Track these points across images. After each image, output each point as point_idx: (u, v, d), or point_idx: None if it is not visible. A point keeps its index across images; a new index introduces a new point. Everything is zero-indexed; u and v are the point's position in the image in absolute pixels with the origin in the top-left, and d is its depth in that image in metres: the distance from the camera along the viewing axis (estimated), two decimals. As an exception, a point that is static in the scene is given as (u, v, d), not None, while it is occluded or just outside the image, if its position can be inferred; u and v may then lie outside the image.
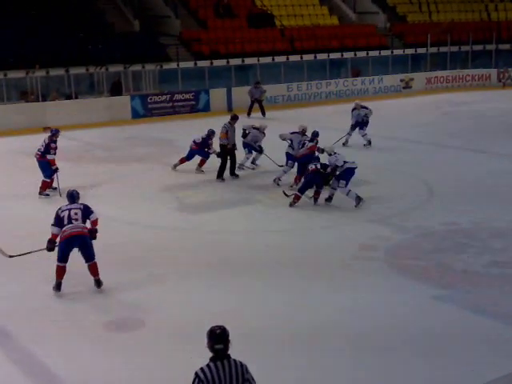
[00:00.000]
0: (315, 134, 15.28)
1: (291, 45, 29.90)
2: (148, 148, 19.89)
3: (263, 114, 25.02)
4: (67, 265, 9.38)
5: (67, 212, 9.45)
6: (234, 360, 5.25)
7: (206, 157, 16.53)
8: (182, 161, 16.55)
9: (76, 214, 9.44)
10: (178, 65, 26.68)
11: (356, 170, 13.40)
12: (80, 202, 9.79)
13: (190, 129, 22.16)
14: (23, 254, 10.07)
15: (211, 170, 16.03)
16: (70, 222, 9.37)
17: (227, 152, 15.69)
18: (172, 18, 29.22)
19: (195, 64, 27.34)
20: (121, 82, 25.91)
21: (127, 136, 21.85)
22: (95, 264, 9.49)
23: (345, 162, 13.30)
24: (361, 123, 19.23)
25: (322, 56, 29.72)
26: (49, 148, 14.52)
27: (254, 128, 16.88)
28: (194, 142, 16.46)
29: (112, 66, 25.62)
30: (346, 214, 13.14)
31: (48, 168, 14.60)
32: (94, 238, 9.54)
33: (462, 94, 29.84)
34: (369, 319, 8.65)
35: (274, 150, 16.37)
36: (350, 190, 13.26)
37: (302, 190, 13.49)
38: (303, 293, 9.48)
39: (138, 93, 26.20)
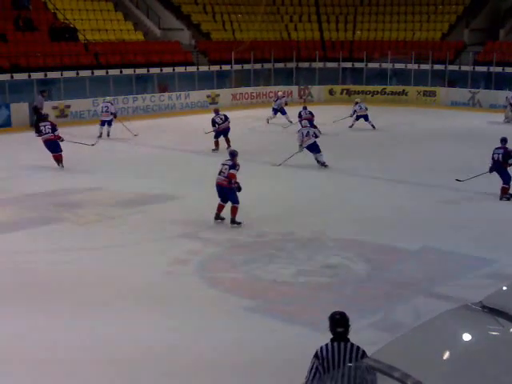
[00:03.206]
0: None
1: (96, 59, 29.41)
2: None
3: (32, 125, 24.17)
4: None
5: (221, 166, 13.21)
6: (352, 344, 5.67)
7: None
8: None
9: (226, 168, 13.13)
10: (-25, 78, 25.32)
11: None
12: None
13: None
14: None
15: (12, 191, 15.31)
16: (219, 173, 13.18)
17: None
18: (-32, 30, 27.71)
19: (-6, 78, 26.07)
20: None
21: None
22: (235, 207, 13.07)
23: None
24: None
25: (127, 71, 29.46)
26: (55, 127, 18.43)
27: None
28: None
29: None
30: (154, 229, 13.07)
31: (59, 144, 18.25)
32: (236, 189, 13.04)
33: (267, 110, 30.78)
34: (181, 334, 8.63)
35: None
36: None
37: None
38: (116, 313, 9.29)
39: None
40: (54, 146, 18.34)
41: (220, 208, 13.30)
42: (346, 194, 15.84)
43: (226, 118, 21.09)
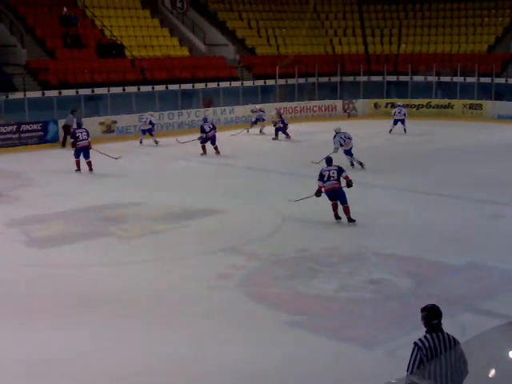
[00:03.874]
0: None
1: (142, 75, 29.79)
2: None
3: (64, 144, 24.74)
4: None
5: (327, 172, 13.89)
6: (447, 333, 6.08)
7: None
8: None
9: (333, 173, 13.86)
10: (24, 94, 25.84)
11: None
12: None
13: (39, 160, 21.60)
14: (302, 199, 14.67)
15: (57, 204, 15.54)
16: (328, 179, 13.84)
17: None
18: (18, 48, 28.31)
19: (43, 94, 26.59)
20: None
21: (-30, 168, 20.83)
22: (347, 207, 13.90)
23: None
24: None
25: (173, 87, 29.80)
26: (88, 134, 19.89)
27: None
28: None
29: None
30: (198, 243, 13.12)
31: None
32: (350, 185, 14.06)
33: (311, 124, 30.82)
34: (223, 348, 8.63)
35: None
36: None
37: None
38: (158, 326, 9.34)
39: (-18, 124, 25.11)
40: (87, 152, 19.83)
41: (336, 207, 14.16)
42: (390, 207, 15.66)
43: (214, 127, 22.96)
